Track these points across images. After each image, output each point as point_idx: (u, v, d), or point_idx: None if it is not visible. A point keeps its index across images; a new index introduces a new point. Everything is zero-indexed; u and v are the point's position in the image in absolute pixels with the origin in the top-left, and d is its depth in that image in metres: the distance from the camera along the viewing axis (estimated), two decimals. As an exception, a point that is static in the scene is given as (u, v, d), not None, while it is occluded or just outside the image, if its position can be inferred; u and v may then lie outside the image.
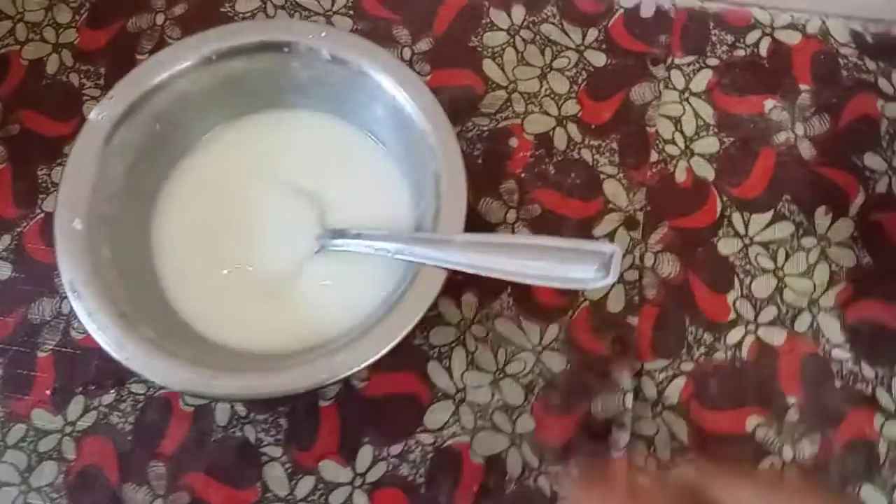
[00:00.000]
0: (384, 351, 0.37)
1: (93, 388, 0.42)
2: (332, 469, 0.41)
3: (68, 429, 0.42)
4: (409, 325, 0.37)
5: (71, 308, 0.41)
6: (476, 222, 0.45)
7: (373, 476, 0.41)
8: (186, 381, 0.36)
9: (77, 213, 0.39)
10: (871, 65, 0.48)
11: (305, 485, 0.41)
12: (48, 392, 0.42)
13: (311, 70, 0.42)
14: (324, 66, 0.42)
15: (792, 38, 0.48)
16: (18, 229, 0.45)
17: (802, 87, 0.47)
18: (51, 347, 0.43)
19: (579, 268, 0.35)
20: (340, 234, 0.41)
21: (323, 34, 0.41)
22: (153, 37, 0.49)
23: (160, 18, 0.49)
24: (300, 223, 0.42)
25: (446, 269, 0.37)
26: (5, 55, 0.48)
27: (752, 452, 0.41)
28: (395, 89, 0.41)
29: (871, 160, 0.46)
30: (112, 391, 0.42)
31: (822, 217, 0.45)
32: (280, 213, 0.43)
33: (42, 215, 0.45)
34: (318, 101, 0.44)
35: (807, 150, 0.46)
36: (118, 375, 0.43)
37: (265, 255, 0.42)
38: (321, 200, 0.43)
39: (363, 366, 0.36)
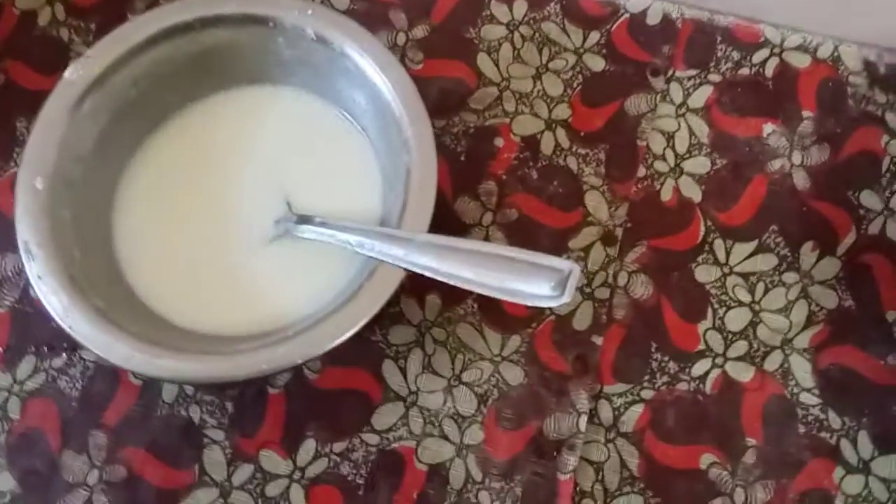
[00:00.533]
0: (329, 347, 0.36)
1: (45, 349, 0.42)
2: (272, 459, 0.40)
3: (16, 388, 0.42)
4: (359, 321, 0.36)
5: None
6: (450, 221, 0.44)
7: (312, 471, 0.40)
8: (128, 358, 0.35)
9: (40, 172, 0.38)
10: (880, 97, 0.46)
11: (243, 472, 0.40)
12: (0, 350, 0.42)
13: (295, 48, 0.41)
14: (308, 45, 0.41)
15: (801, 61, 0.46)
16: (-11, 182, 0.44)
17: (805, 113, 0.45)
18: (9, 304, 0.43)
19: (536, 283, 0.33)
20: (305, 220, 0.40)
21: (309, 12, 0.40)
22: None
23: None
24: (266, 205, 0.42)
25: (404, 269, 0.36)
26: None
27: (704, 491, 0.40)
28: (376, 75, 0.39)
29: (868, 198, 0.44)
30: (63, 354, 0.42)
31: (807, 253, 0.43)
32: (246, 192, 0.42)
33: (16, 169, 0.45)
34: (301, 80, 0.43)
35: (801, 181, 0.44)
36: (72, 340, 0.42)
37: (226, 233, 0.41)
38: (291, 182, 0.42)
39: (304, 360, 0.36)
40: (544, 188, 0.44)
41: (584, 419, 0.40)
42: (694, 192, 0.44)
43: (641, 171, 0.44)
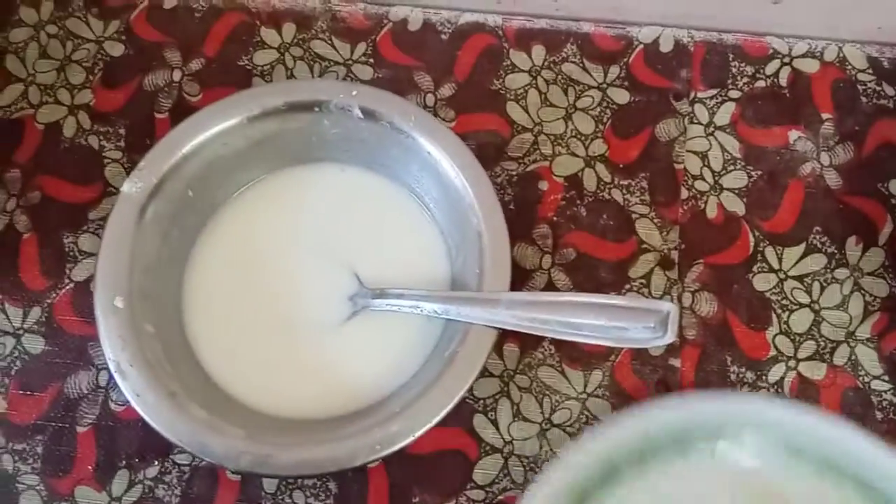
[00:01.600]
0: (442, 415, 0.36)
1: (136, 461, 0.42)
2: (386, 531, 0.41)
3: (114, 504, 0.41)
4: (464, 385, 0.37)
5: (109, 380, 0.41)
6: (511, 269, 0.45)
7: (428, 536, 0.41)
8: (243, 462, 0.36)
9: (117, 290, 0.38)
10: (889, 90, 0.48)
11: (361, 549, 0.40)
12: (90, 468, 0.42)
13: (342, 127, 0.42)
14: (355, 123, 0.41)
15: (810, 67, 0.49)
16: (48, 301, 0.44)
17: (824, 115, 0.48)
18: (90, 422, 0.42)
19: (634, 326, 0.35)
20: (381, 294, 0.41)
21: (354, 93, 0.41)
22: (171, 94, 0.48)
23: (177, 75, 0.48)
24: (334, 282, 0.42)
25: (495, 328, 0.37)
26: (19, 119, 0.47)
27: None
28: (430, 145, 0.40)
29: (897, 187, 0.47)
30: (156, 463, 0.42)
31: (853, 247, 0.45)
32: (311, 272, 0.43)
33: (71, 285, 0.44)
34: (350, 157, 0.44)
35: (833, 180, 0.47)
36: (161, 447, 0.42)
37: (300, 317, 0.42)
38: (354, 257, 0.43)
39: (422, 432, 0.36)
40: (595, 223, 0.46)
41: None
42: (737, 206, 0.46)
43: (684, 193, 0.46)
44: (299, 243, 0.43)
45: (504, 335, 0.43)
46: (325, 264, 0.43)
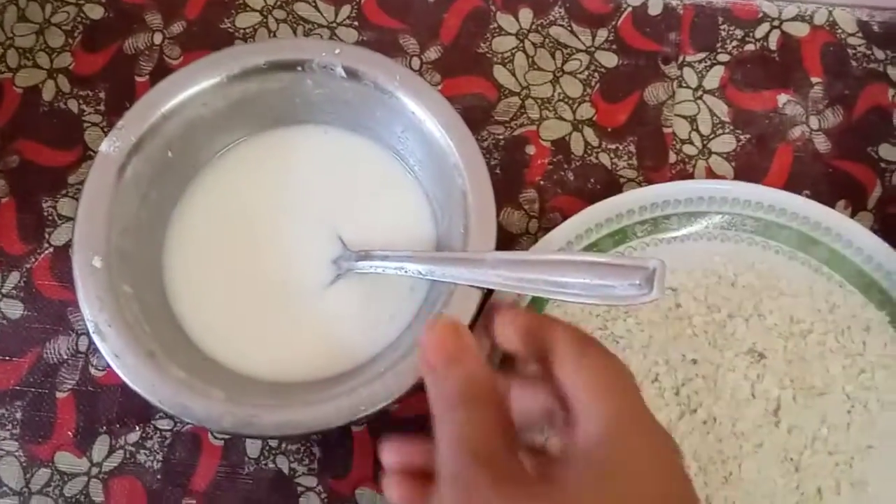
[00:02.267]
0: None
1: (117, 426, 0.41)
2: (369, 497, 0.40)
3: (94, 470, 0.41)
4: None
5: (89, 345, 0.40)
6: (498, 234, 0.44)
7: None
8: (226, 423, 0.35)
9: (95, 250, 0.37)
10: (879, 54, 0.48)
11: (345, 514, 0.40)
12: (70, 433, 0.41)
13: (325, 87, 0.41)
14: (338, 84, 0.41)
15: (800, 31, 0.48)
16: (27, 265, 0.43)
17: (814, 79, 0.47)
18: (70, 387, 0.42)
19: (620, 283, 0.34)
20: (366, 256, 0.40)
21: (336, 51, 0.40)
22: (152, 57, 0.47)
23: (158, 38, 0.47)
24: (318, 245, 0.41)
25: (480, 288, 0.37)
26: (-3, 83, 0.47)
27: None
28: (414, 105, 0.40)
29: (887, 151, 0.46)
30: (137, 428, 0.41)
31: (842, 211, 0.45)
32: (295, 235, 0.42)
33: (51, 250, 0.44)
34: (334, 118, 0.43)
35: (822, 144, 0.46)
36: (142, 412, 0.42)
37: (285, 279, 0.41)
38: (339, 219, 0.42)
39: (405, 393, 0.36)
40: (583, 187, 0.45)
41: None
42: (726, 170, 0.45)
43: (672, 157, 0.46)
44: (282, 206, 0.42)
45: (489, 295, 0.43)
46: (309, 227, 0.42)
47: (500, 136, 0.46)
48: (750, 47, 0.48)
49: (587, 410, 0.29)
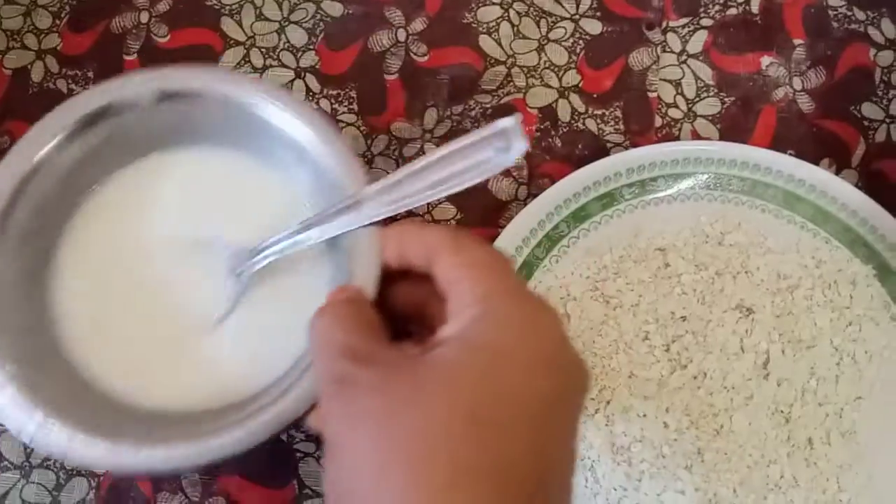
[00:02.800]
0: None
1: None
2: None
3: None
4: None
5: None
6: (487, 201, 0.45)
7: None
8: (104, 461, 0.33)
9: None
10: (860, 15, 0.48)
11: None
12: None
13: (182, 111, 0.38)
14: (212, 106, 0.38)
15: (782, -6, 0.49)
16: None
17: (796, 41, 0.48)
18: None
19: (490, 154, 0.33)
20: (259, 249, 0.37)
21: (202, 76, 0.37)
22: (139, 36, 0.47)
23: (144, 16, 0.48)
24: (211, 266, 0.38)
25: (371, 224, 0.34)
26: (-14, 66, 0.47)
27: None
28: (282, 119, 0.37)
29: (869, 109, 0.47)
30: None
31: (826, 169, 0.45)
32: (188, 262, 0.38)
33: (44, 228, 0.44)
34: (199, 138, 0.40)
35: (806, 104, 0.47)
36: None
37: (175, 304, 0.38)
38: (226, 235, 0.39)
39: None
40: (570, 153, 0.46)
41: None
42: (711, 132, 0.46)
43: (658, 121, 0.46)
44: (166, 233, 0.39)
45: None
46: (197, 250, 0.39)
47: (488, 105, 0.46)
48: (732, 11, 0.48)
49: (462, 296, 0.29)
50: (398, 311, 0.33)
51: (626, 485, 0.39)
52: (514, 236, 0.42)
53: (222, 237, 0.38)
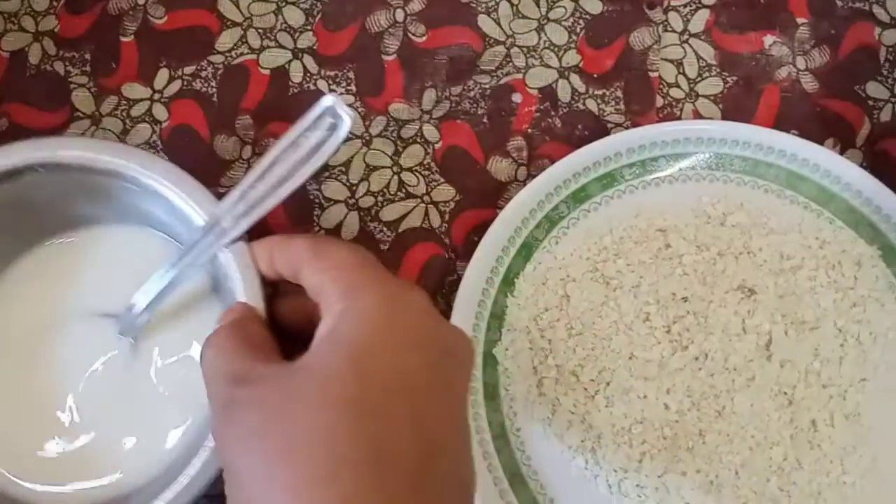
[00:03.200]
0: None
1: None
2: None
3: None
4: None
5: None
6: (485, 182, 0.45)
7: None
8: None
9: None
10: (865, -7, 0.48)
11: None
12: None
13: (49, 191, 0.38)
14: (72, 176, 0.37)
15: (785, -28, 0.48)
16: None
17: (800, 20, 0.47)
18: None
19: (321, 136, 0.34)
20: (134, 304, 0.37)
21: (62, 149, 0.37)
22: (136, 17, 0.47)
23: (141, -2, 0.47)
24: (102, 339, 0.38)
25: (236, 240, 0.35)
26: (-17, 48, 0.47)
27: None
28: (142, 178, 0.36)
29: (874, 89, 0.46)
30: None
31: (831, 149, 0.45)
32: (75, 339, 0.38)
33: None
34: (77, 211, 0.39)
35: (809, 84, 0.46)
36: None
37: (78, 394, 0.38)
38: (110, 306, 0.38)
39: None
40: (570, 134, 0.45)
41: None
42: (713, 112, 0.45)
43: (659, 101, 0.46)
44: (58, 318, 0.39)
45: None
46: (81, 324, 0.39)
47: (487, 86, 0.46)
48: (735, -11, 0.48)
49: (328, 297, 0.30)
50: (291, 324, 0.34)
51: (626, 466, 0.39)
52: (513, 218, 0.42)
53: (108, 312, 0.38)
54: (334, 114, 0.34)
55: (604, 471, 0.39)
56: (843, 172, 0.42)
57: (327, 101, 0.34)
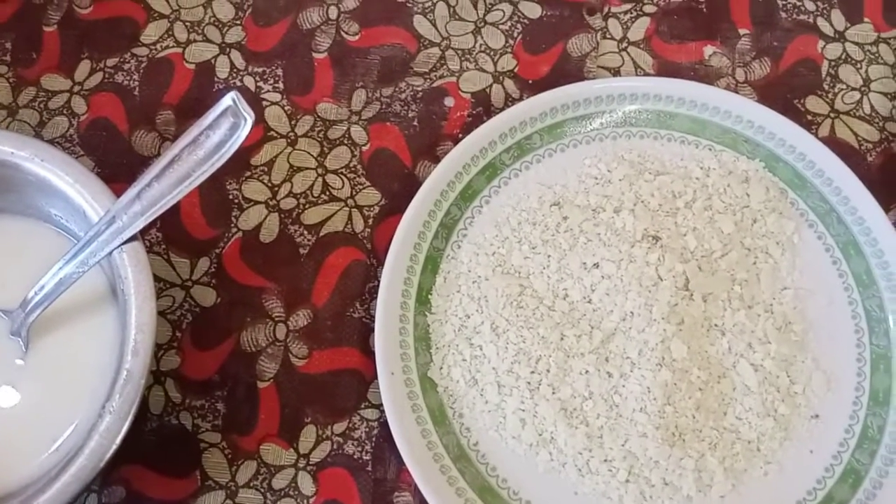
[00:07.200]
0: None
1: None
2: (274, 452, 0.39)
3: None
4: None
5: None
6: (412, 187, 0.43)
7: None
8: None
9: None
10: (809, 5, 0.47)
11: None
12: None
13: None
14: None
15: (730, -19, 0.47)
16: None
17: (742, 31, 0.46)
18: None
19: (222, 136, 0.33)
20: (27, 300, 0.36)
21: None
22: (60, 7, 0.46)
23: (67, -14, 0.46)
24: None
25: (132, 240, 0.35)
26: None
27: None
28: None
29: (814, 103, 0.45)
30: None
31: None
32: None
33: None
34: None
35: (748, 97, 0.45)
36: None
37: None
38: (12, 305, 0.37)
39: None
40: (502, 140, 0.44)
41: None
42: (649, 122, 0.44)
43: (594, 110, 0.45)
44: None
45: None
46: None
47: (419, 88, 0.45)
48: (677, -2, 0.47)
49: None
50: None
51: (589, 445, 0.38)
52: (409, 232, 0.41)
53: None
54: (236, 113, 0.33)
55: (569, 457, 0.38)
56: (710, 100, 0.43)
57: (228, 100, 0.33)
